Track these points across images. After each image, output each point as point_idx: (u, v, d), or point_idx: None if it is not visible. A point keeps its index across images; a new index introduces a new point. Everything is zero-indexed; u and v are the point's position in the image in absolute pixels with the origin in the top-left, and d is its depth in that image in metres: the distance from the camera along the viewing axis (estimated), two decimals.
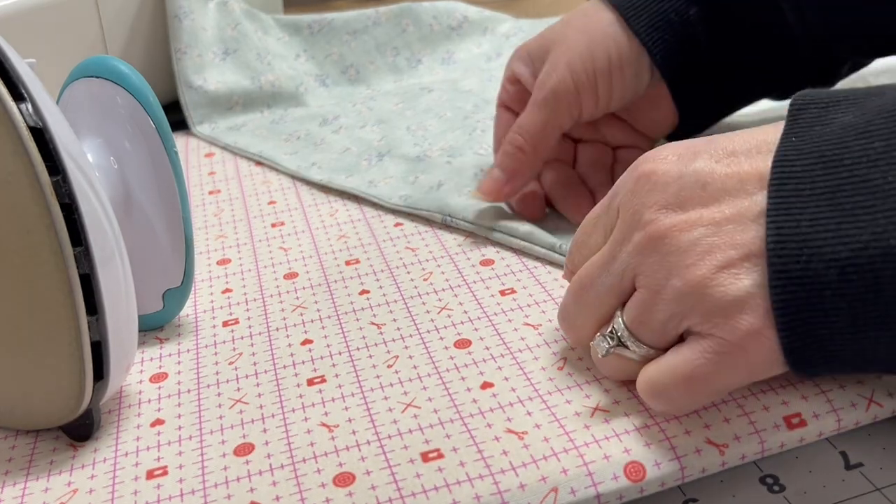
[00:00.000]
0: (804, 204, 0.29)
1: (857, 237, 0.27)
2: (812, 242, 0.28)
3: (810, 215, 0.28)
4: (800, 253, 0.28)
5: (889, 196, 0.27)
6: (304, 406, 0.35)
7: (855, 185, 0.28)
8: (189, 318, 0.42)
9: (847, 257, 0.27)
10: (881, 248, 0.27)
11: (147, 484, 0.32)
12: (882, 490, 0.31)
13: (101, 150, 0.38)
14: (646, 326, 0.32)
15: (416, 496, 0.30)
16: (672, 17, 0.45)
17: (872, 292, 0.27)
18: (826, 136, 0.30)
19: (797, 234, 0.28)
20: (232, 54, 0.67)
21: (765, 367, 0.30)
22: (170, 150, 0.38)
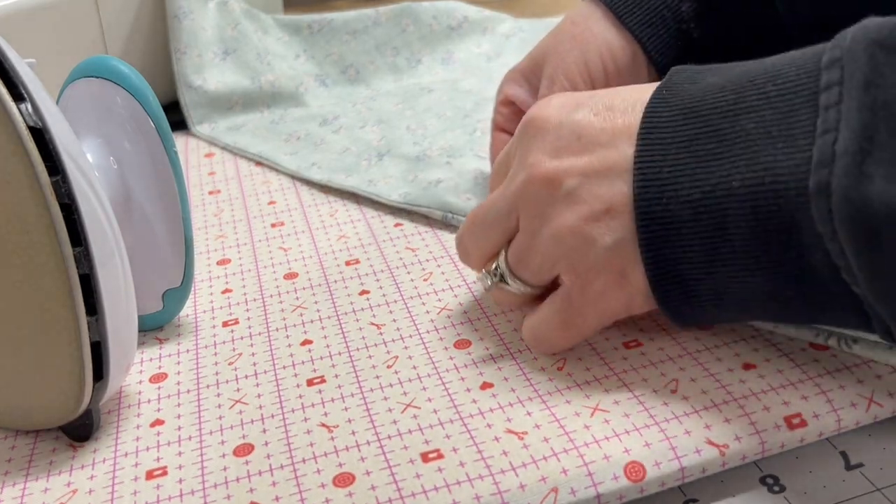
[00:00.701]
0: (666, 151, 0.31)
1: (707, 180, 0.30)
2: (671, 186, 0.31)
3: (671, 162, 0.31)
4: (661, 196, 0.31)
5: (735, 143, 0.30)
6: (303, 406, 0.35)
7: (708, 134, 0.31)
8: (189, 318, 0.42)
9: (698, 199, 0.30)
10: (725, 189, 0.30)
11: (147, 484, 0.32)
12: (882, 490, 0.31)
13: (101, 150, 0.38)
14: (524, 267, 0.35)
15: (415, 496, 0.30)
16: (665, 13, 0.45)
17: (720, 229, 0.30)
18: (692, 92, 0.32)
19: (659, 178, 0.31)
20: (232, 54, 0.67)
21: (621, 311, 0.34)
22: (170, 150, 0.38)
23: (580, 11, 0.47)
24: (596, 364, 0.36)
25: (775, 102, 0.29)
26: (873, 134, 0.26)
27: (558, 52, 0.46)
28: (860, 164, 0.26)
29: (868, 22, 0.28)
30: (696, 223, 0.30)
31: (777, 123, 0.29)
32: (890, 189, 0.26)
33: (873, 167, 0.26)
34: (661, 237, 0.31)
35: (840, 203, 0.26)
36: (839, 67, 0.28)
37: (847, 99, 0.27)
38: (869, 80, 0.27)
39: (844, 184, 0.26)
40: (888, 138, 0.26)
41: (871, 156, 0.26)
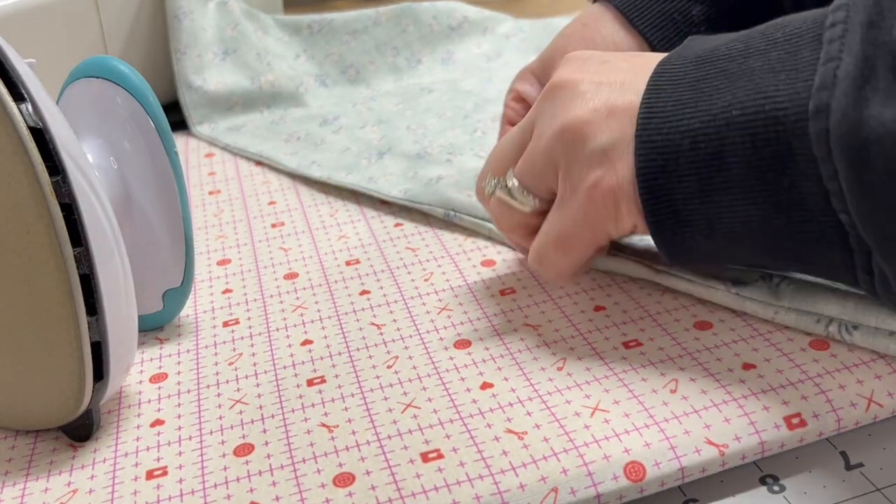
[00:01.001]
0: (674, 89, 0.33)
1: (709, 111, 0.31)
2: (673, 117, 0.32)
3: (676, 98, 0.33)
4: (662, 126, 0.32)
5: (739, 78, 0.31)
6: (303, 406, 0.35)
7: (716, 75, 0.32)
8: (189, 318, 0.42)
9: (698, 127, 0.31)
10: (725, 118, 0.31)
11: (147, 484, 0.32)
12: (882, 490, 0.31)
13: (101, 150, 0.38)
14: (529, 173, 0.36)
15: (416, 496, 0.30)
16: (676, 16, 0.46)
17: (717, 158, 0.31)
18: (705, 45, 0.34)
19: (663, 111, 0.33)
20: (231, 54, 0.67)
21: (611, 225, 0.34)
22: (170, 151, 0.38)
23: (590, 13, 0.48)
24: (596, 364, 0.36)
25: (782, 45, 0.31)
26: (873, 65, 0.27)
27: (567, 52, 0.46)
28: (860, 87, 0.27)
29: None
30: (693, 152, 0.32)
31: (781, 61, 0.30)
32: (884, 112, 0.27)
33: (870, 92, 0.27)
34: (658, 166, 0.32)
35: (837, 121, 0.27)
36: (845, 9, 0.29)
37: (851, 33, 0.28)
38: (872, 21, 0.28)
39: (843, 103, 0.27)
40: (885, 73, 0.27)
41: (869, 83, 0.27)
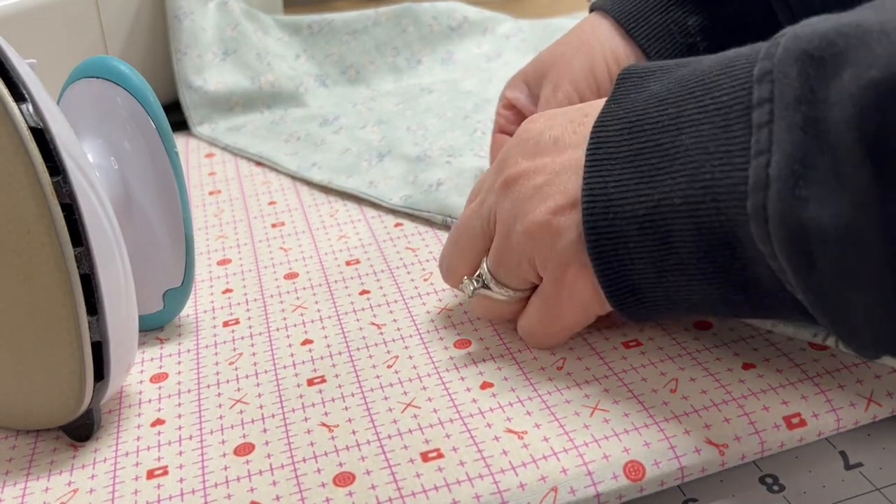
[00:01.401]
0: (612, 166, 0.32)
1: (651, 196, 0.31)
2: (616, 201, 0.32)
3: (616, 177, 0.32)
4: (607, 211, 0.32)
5: (676, 159, 0.30)
6: (304, 406, 0.35)
7: (651, 149, 0.31)
8: (189, 318, 0.42)
9: (643, 214, 0.31)
10: (668, 206, 0.30)
11: (147, 484, 0.32)
12: (881, 490, 0.31)
13: (102, 151, 0.38)
14: (504, 269, 0.36)
15: (416, 496, 0.30)
16: (672, 27, 0.46)
17: (666, 244, 0.31)
18: (636, 104, 0.33)
19: (605, 193, 0.32)
20: (232, 55, 0.67)
21: (596, 306, 0.34)
22: (170, 151, 0.38)
23: (588, 22, 0.48)
24: (596, 364, 0.36)
25: (712, 116, 0.29)
26: (804, 154, 0.26)
27: (564, 58, 0.46)
28: (793, 188, 0.26)
29: (801, 28, 0.28)
30: (642, 237, 0.31)
31: (714, 139, 0.29)
32: (823, 212, 0.26)
33: (806, 190, 0.26)
34: (609, 251, 0.32)
35: (776, 227, 0.27)
36: (769, 81, 0.27)
37: (778, 119, 0.27)
38: (799, 97, 0.26)
39: (779, 209, 0.26)
40: (819, 158, 0.26)
41: (803, 178, 0.26)
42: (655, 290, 0.32)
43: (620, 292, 0.33)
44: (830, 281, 0.27)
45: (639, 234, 0.31)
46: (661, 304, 0.33)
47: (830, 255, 0.26)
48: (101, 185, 0.32)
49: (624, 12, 0.46)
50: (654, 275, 0.32)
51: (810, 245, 0.26)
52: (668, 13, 0.46)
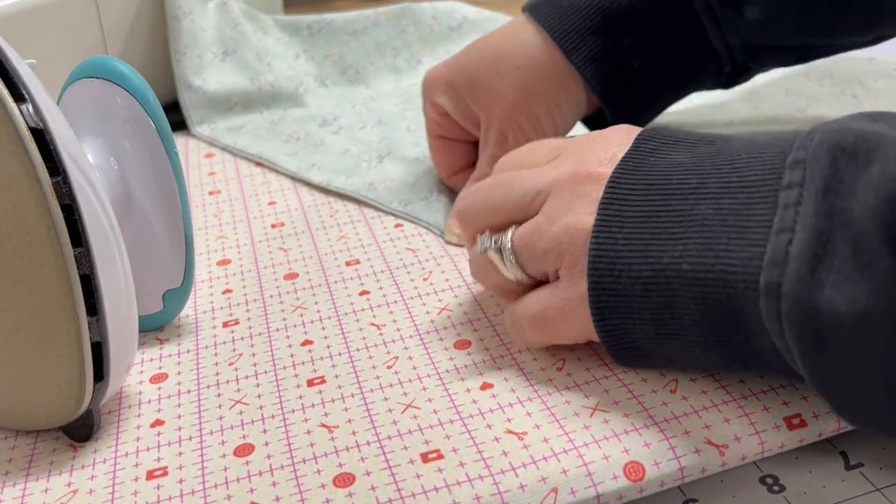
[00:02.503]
0: (623, 223, 0.32)
1: (659, 259, 0.30)
2: (623, 259, 0.31)
3: (626, 235, 0.32)
4: (612, 267, 0.32)
5: (690, 226, 0.30)
6: (303, 407, 0.35)
7: (667, 213, 0.31)
8: (189, 318, 0.42)
9: (648, 276, 0.31)
10: (676, 270, 0.30)
11: (147, 484, 0.32)
12: (882, 490, 0.31)
13: (102, 151, 0.38)
14: (528, 251, 0.34)
15: (416, 497, 0.30)
16: (608, 47, 0.46)
17: (669, 308, 0.31)
18: (656, 168, 0.32)
19: (613, 250, 0.32)
20: (231, 55, 0.67)
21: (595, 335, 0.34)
22: (170, 151, 0.38)
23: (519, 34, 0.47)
24: (596, 364, 0.36)
25: (735, 193, 0.30)
26: (828, 240, 0.26)
27: (500, 85, 0.46)
28: (812, 270, 0.26)
29: (835, 124, 0.28)
30: (645, 299, 0.31)
31: (734, 213, 0.29)
32: (838, 298, 0.26)
33: (824, 274, 0.26)
34: (611, 307, 0.32)
35: (789, 306, 0.27)
36: (802, 169, 0.28)
37: (806, 202, 0.27)
38: (828, 186, 0.27)
39: (796, 288, 0.26)
40: (841, 245, 0.26)
41: (822, 262, 0.26)
42: (655, 351, 0.33)
43: (620, 347, 0.33)
44: (838, 365, 0.27)
45: (642, 295, 0.31)
46: (659, 362, 0.34)
47: (842, 339, 0.26)
48: (101, 186, 0.32)
49: (561, 32, 0.46)
50: (656, 337, 0.32)
51: (822, 328, 0.26)
52: (604, 34, 0.46)
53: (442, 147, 0.50)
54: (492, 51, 0.47)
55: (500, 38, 0.48)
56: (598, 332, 0.33)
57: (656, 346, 0.32)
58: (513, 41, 0.47)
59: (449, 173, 0.50)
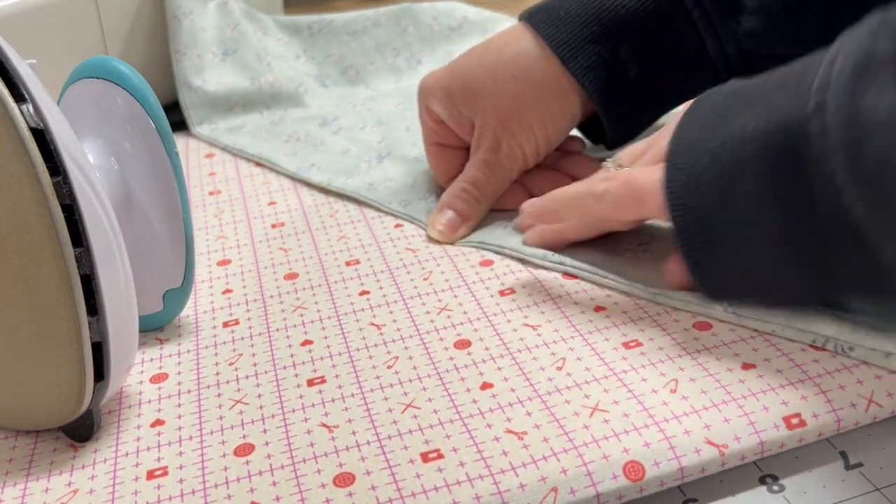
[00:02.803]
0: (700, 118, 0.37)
1: (728, 131, 0.34)
2: (698, 142, 0.36)
3: (703, 125, 0.36)
4: (688, 150, 0.36)
5: (757, 100, 0.34)
6: (304, 406, 0.35)
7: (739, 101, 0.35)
8: (189, 318, 0.42)
9: (718, 146, 0.34)
10: (741, 135, 0.34)
11: (147, 484, 0.32)
12: (882, 490, 0.31)
13: (102, 151, 0.38)
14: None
15: (416, 496, 0.30)
16: (606, 56, 0.46)
17: (734, 171, 0.34)
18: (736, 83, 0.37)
19: (690, 137, 0.36)
20: (231, 55, 0.67)
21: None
22: (170, 151, 0.38)
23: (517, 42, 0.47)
24: (595, 364, 0.36)
25: (796, 68, 0.34)
26: (868, 62, 0.29)
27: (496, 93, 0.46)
28: (855, 81, 0.29)
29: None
30: (713, 168, 0.34)
31: (795, 74, 0.33)
32: (878, 103, 0.28)
33: (866, 84, 0.29)
34: (682, 184, 0.35)
35: (832, 114, 0.30)
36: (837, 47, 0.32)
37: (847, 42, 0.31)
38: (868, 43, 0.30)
39: (840, 97, 0.30)
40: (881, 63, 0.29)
41: (866, 74, 0.29)
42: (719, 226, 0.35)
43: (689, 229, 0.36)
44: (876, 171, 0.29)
45: (711, 163, 0.34)
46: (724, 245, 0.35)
47: (878, 142, 0.28)
48: (102, 186, 0.32)
49: (559, 41, 0.46)
50: (719, 207, 0.34)
51: (862, 132, 0.29)
52: (602, 43, 0.46)
53: (438, 153, 0.51)
54: (490, 59, 0.47)
55: (498, 47, 0.48)
56: (670, 211, 0.36)
57: (720, 216, 0.34)
58: (511, 50, 0.47)
59: (445, 179, 0.51)
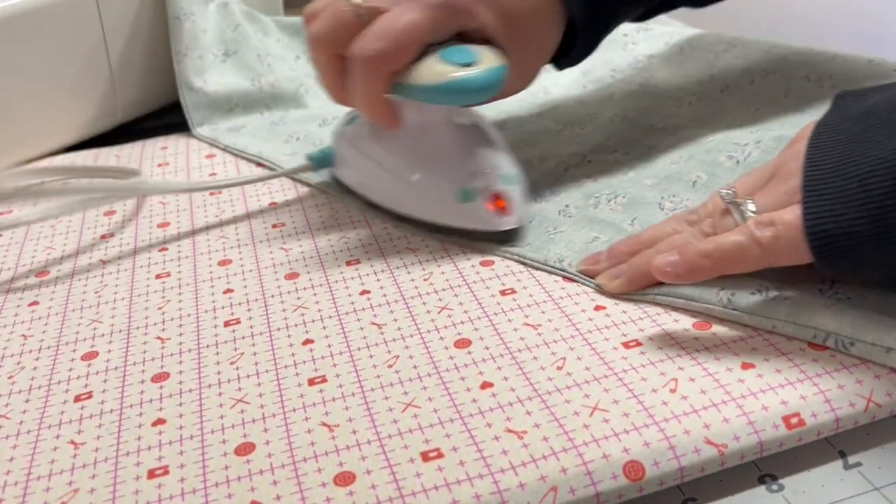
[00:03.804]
0: (835, 144, 0.35)
1: (878, 155, 0.32)
2: (839, 167, 0.33)
3: (840, 150, 0.34)
4: (827, 175, 0.33)
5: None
6: (304, 406, 0.35)
7: (880, 125, 0.34)
8: (191, 318, 0.42)
9: (867, 171, 0.32)
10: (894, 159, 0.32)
11: (148, 483, 0.32)
12: (880, 489, 0.31)
13: None
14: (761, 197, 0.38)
15: (416, 495, 0.30)
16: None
17: (892, 198, 0.31)
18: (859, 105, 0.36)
19: (828, 161, 0.34)
20: (232, 56, 0.67)
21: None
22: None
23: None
24: (595, 364, 0.36)
25: None
26: None
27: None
28: None
29: None
30: (863, 193, 0.32)
31: None
32: None
33: None
34: (827, 210, 0.33)
35: None
36: None
37: None
38: None
39: None
40: None
41: None
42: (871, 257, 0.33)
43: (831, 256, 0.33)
44: None
45: (860, 189, 0.32)
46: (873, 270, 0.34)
47: None
48: None
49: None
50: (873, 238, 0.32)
51: None
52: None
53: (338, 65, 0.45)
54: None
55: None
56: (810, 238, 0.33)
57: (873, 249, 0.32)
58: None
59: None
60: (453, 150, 0.46)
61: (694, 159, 0.51)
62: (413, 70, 0.42)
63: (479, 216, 0.45)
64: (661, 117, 0.58)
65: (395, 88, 0.43)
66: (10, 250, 0.50)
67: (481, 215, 0.45)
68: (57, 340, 0.41)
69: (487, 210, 0.45)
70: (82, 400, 0.37)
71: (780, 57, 0.61)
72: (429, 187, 0.46)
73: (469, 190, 0.45)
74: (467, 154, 0.46)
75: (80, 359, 0.40)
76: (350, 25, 0.43)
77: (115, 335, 0.41)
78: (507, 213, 0.45)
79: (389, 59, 0.42)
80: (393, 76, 0.42)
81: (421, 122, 0.46)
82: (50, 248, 0.50)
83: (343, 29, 0.43)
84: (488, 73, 0.42)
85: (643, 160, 0.53)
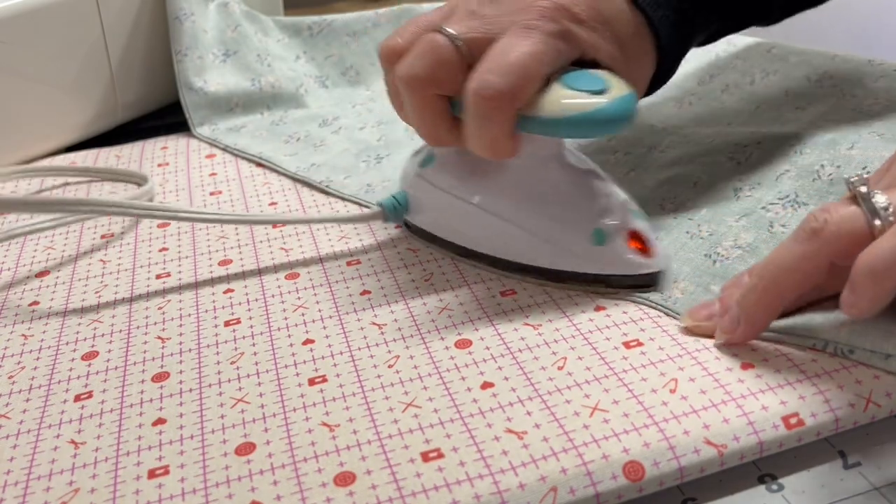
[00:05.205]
0: None
1: None
2: None
3: None
4: None
5: None
6: (305, 405, 0.36)
7: None
8: (191, 317, 0.42)
9: None
10: None
11: (149, 483, 0.32)
12: (880, 489, 0.31)
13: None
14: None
15: (416, 495, 0.30)
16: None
17: None
18: None
19: None
20: (232, 56, 0.67)
21: None
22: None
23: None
24: (596, 364, 0.36)
25: None
26: None
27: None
28: None
29: None
30: None
31: None
32: None
33: None
34: None
35: None
36: None
37: None
38: None
39: None
40: None
41: None
42: None
43: None
44: None
45: None
46: None
47: None
48: None
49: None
50: None
51: None
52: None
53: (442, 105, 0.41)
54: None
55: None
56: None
57: None
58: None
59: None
60: (572, 186, 0.41)
61: (694, 160, 0.51)
62: (540, 102, 0.37)
63: (618, 259, 0.39)
64: (661, 117, 0.58)
65: (520, 123, 0.38)
66: (10, 250, 0.50)
67: (622, 258, 0.39)
68: (57, 340, 0.41)
69: (628, 251, 0.39)
70: (82, 399, 0.37)
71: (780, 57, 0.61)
72: (553, 231, 0.40)
73: (603, 230, 0.39)
74: (588, 190, 0.40)
75: (80, 358, 0.40)
76: (453, 63, 0.39)
77: (115, 335, 0.41)
78: (648, 255, 0.40)
79: (517, 94, 0.37)
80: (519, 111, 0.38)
81: (531, 158, 0.41)
82: (50, 247, 0.50)
83: (445, 67, 0.39)
84: (626, 100, 0.37)
85: (643, 160, 0.53)
